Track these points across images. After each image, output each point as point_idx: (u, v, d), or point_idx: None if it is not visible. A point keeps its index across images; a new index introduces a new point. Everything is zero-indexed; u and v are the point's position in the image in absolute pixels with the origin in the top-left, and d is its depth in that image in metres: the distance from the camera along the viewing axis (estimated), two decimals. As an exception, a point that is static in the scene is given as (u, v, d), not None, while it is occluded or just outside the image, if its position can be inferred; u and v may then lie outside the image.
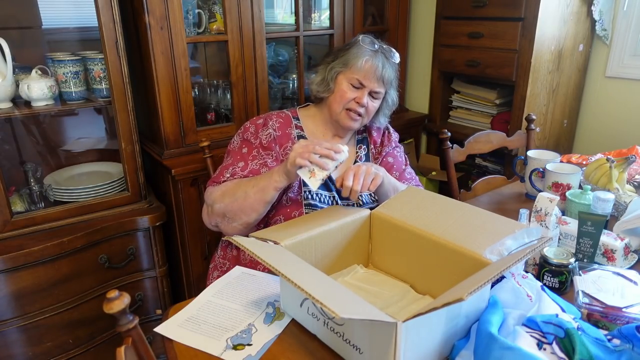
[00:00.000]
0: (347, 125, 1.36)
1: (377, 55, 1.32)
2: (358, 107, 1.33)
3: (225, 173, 1.31)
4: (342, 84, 1.33)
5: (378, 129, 1.50)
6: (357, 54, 1.32)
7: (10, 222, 1.50)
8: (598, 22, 2.06)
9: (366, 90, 1.32)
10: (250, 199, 1.21)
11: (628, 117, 2.09)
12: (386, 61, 1.33)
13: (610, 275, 0.98)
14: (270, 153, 1.34)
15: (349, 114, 1.34)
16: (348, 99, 1.32)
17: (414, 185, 1.43)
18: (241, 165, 1.31)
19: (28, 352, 1.54)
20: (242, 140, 1.37)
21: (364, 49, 1.32)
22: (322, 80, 1.37)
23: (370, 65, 1.30)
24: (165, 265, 1.79)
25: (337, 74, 1.34)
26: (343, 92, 1.32)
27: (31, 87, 1.49)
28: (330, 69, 1.35)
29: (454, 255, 0.93)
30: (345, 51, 1.35)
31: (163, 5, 1.64)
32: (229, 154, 1.37)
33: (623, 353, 0.78)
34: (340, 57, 1.35)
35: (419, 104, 2.62)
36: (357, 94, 1.32)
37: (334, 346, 0.86)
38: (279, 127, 1.37)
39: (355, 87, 1.32)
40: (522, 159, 1.63)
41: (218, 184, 1.31)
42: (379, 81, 1.32)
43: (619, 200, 1.32)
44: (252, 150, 1.34)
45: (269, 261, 0.82)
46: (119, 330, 0.72)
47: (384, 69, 1.32)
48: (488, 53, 2.09)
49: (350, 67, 1.32)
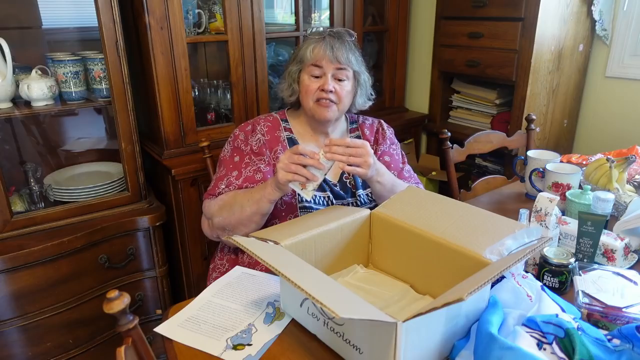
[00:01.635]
0: (322, 116, 1.32)
1: (325, 39, 1.31)
2: (325, 94, 1.30)
3: (220, 184, 1.31)
4: (304, 79, 1.33)
5: (371, 126, 1.48)
6: (306, 46, 1.32)
7: (10, 222, 1.50)
8: (598, 22, 2.06)
9: (327, 76, 1.30)
10: (247, 212, 1.21)
11: (628, 117, 2.09)
12: (337, 41, 1.31)
13: (610, 275, 0.98)
14: (262, 158, 1.34)
15: (320, 103, 1.31)
16: (313, 90, 1.31)
17: (413, 184, 1.42)
18: (235, 175, 1.31)
19: (28, 352, 1.54)
20: (233, 149, 1.37)
21: (311, 39, 1.33)
22: (288, 86, 1.38)
23: (319, 50, 1.29)
24: (165, 265, 1.79)
25: (298, 74, 1.35)
26: (306, 85, 1.32)
27: (31, 87, 1.49)
28: (290, 73, 1.36)
29: (454, 255, 0.93)
30: (298, 50, 1.36)
31: (163, 5, 1.64)
32: (222, 163, 1.37)
33: (623, 353, 0.78)
34: (295, 58, 1.36)
35: (419, 104, 2.62)
36: (320, 82, 1.31)
37: (334, 346, 0.86)
38: (267, 130, 1.37)
39: (316, 76, 1.31)
40: (522, 159, 1.63)
41: (214, 196, 1.30)
42: (336, 62, 1.30)
43: (619, 200, 1.32)
44: (244, 158, 1.34)
45: (269, 261, 0.82)
46: (119, 330, 0.72)
47: (335, 49, 1.29)
48: (488, 53, 2.09)
49: (304, 60, 1.32)
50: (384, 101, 2.50)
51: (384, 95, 2.50)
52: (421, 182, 1.50)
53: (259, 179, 1.30)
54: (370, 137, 1.46)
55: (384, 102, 2.50)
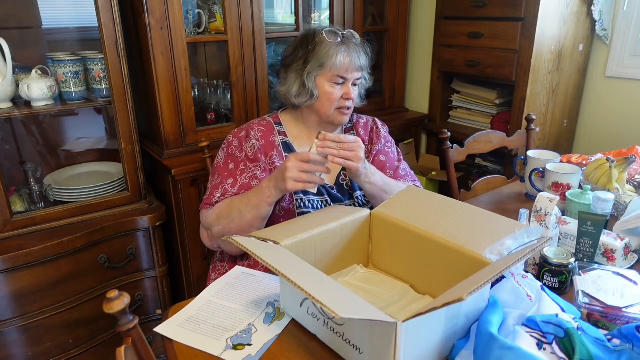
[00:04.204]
0: (340, 122, 1.35)
1: (349, 46, 1.29)
2: (347, 102, 1.31)
3: (216, 193, 1.29)
4: (324, 86, 1.29)
5: (365, 125, 1.47)
6: (329, 52, 1.27)
7: (10, 222, 1.50)
8: (598, 22, 2.06)
9: (349, 83, 1.31)
10: (246, 217, 1.20)
11: (628, 117, 2.09)
12: (357, 47, 1.30)
13: (610, 275, 0.98)
14: (258, 164, 1.32)
15: (341, 111, 1.32)
16: (336, 99, 1.30)
17: (410, 182, 1.41)
18: (230, 182, 1.29)
19: (28, 352, 1.54)
20: (227, 155, 1.35)
21: (329, 43, 1.28)
22: (303, 89, 1.31)
23: (349, 59, 1.27)
24: (165, 265, 1.79)
25: (316, 77, 1.30)
26: (330, 93, 1.30)
27: (31, 87, 1.49)
28: (307, 75, 1.29)
29: (454, 255, 0.93)
30: (313, 52, 1.29)
31: (163, 5, 1.64)
32: (216, 171, 1.35)
33: (623, 353, 0.78)
34: (313, 60, 1.29)
35: (419, 104, 2.62)
36: (343, 90, 1.31)
37: (334, 346, 0.86)
38: (262, 136, 1.34)
39: (338, 83, 1.30)
40: (522, 159, 1.63)
41: (211, 205, 1.29)
42: (359, 70, 1.31)
43: (619, 200, 1.32)
44: (239, 165, 1.32)
45: (269, 261, 0.82)
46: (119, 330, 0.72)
47: (359, 56, 1.29)
48: (488, 53, 2.09)
49: (329, 67, 1.27)
50: (384, 101, 2.50)
51: (384, 95, 2.50)
52: (418, 180, 1.49)
53: (255, 186, 1.28)
54: (365, 137, 1.46)
55: (384, 102, 2.50)
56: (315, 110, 1.34)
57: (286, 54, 1.38)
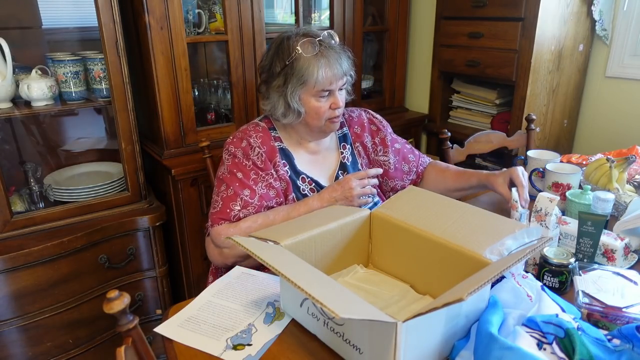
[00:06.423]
0: (332, 130, 1.34)
1: (329, 56, 1.22)
2: (337, 110, 1.29)
3: (234, 206, 1.22)
4: (310, 101, 1.25)
5: (359, 121, 1.45)
6: (310, 68, 1.21)
7: (10, 222, 1.50)
8: (598, 22, 2.06)
9: (336, 93, 1.27)
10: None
11: (628, 117, 2.09)
12: (337, 54, 1.24)
13: (610, 275, 0.98)
14: (269, 172, 1.28)
15: (331, 120, 1.30)
16: (325, 111, 1.27)
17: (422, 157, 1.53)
18: (248, 194, 1.24)
19: (28, 352, 1.54)
20: (233, 164, 1.28)
21: (310, 58, 1.21)
22: (288, 109, 1.26)
23: (331, 72, 1.22)
24: (165, 265, 1.79)
25: (300, 96, 1.25)
26: (317, 108, 1.26)
27: (31, 87, 1.49)
28: (290, 94, 1.24)
29: (454, 255, 0.93)
30: (291, 69, 1.23)
31: (163, 5, 1.64)
32: (224, 182, 1.27)
33: (623, 353, 0.78)
34: (293, 78, 1.23)
35: (419, 104, 2.62)
36: (330, 101, 1.27)
37: (334, 346, 0.86)
38: (262, 142, 1.30)
39: (323, 96, 1.26)
40: (522, 159, 1.62)
41: (228, 220, 1.22)
42: (342, 77, 1.26)
43: (619, 200, 1.32)
44: (249, 174, 1.26)
45: (269, 261, 0.82)
46: (119, 330, 0.72)
47: (339, 64, 1.24)
48: (488, 53, 2.09)
49: (312, 84, 1.22)
50: (384, 101, 2.50)
51: (384, 95, 2.50)
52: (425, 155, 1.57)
53: (274, 196, 1.27)
54: (363, 133, 1.44)
55: (384, 102, 2.50)
56: (305, 124, 1.31)
57: (262, 66, 1.31)
